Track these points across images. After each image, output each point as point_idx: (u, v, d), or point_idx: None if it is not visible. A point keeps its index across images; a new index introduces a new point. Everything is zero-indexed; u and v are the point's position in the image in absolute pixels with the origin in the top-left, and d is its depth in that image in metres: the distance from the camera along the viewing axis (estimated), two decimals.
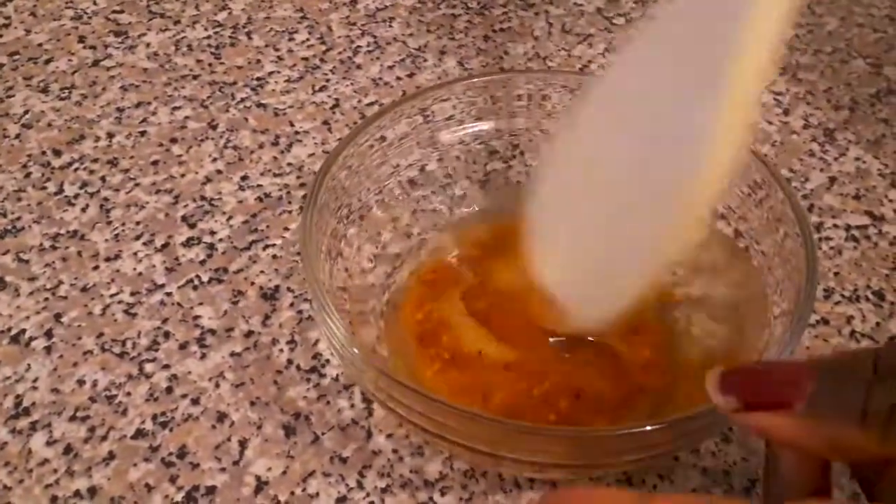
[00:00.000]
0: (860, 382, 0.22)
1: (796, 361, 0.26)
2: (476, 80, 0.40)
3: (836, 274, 0.40)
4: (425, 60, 0.51)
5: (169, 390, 0.36)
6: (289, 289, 0.39)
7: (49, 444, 0.34)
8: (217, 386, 0.36)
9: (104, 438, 0.35)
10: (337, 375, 0.36)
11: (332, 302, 0.31)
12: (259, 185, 0.44)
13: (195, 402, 0.36)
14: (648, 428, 0.28)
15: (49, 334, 0.38)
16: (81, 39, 0.52)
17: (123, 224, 0.42)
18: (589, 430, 0.31)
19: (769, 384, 0.23)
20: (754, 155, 0.35)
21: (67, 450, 0.34)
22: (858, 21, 0.55)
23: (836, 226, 0.43)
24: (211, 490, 0.33)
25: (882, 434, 0.21)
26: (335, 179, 0.36)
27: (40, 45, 0.52)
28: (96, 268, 0.40)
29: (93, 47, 0.52)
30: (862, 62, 0.52)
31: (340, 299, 0.34)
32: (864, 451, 0.22)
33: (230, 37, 0.52)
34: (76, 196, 0.43)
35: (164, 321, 0.38)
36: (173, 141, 0.46)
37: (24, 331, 0.38)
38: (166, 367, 0.37)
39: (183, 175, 0.44)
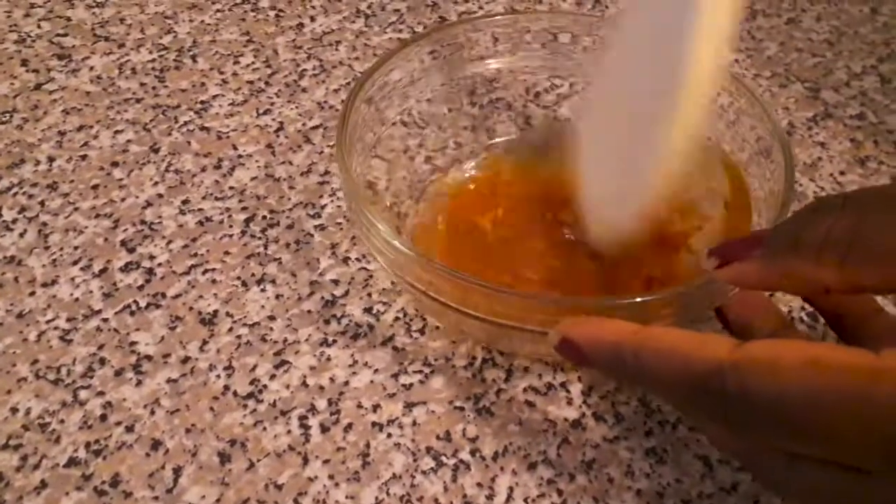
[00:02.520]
0: (818, 224, 0.26)
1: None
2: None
3: (770, 295, 0.41)
4: None
5: (103, 417, 0.36)
6: (227, 313, 0.39)
7: None
8: (152, 413, 0.36)
9: (36, 467, 0.34)
10: (274, 401, 0.36)
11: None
12: (200, 209, 0.44)
13: (129, 429, 0.35)
14: (648, 298, 0.31)
15: None
16: (24, 63, 0.52)
17: (61, 249, 0.42)
18: (603, 299, 0.34)
19: (736, 243, 0.29)
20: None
21: None
22: (798, 46, 0.56)
23: None
24: None
25: (839, 266, 0.25)
26: (369, 95, 0.40)
27: None
28: (32, 293, 0.40)
29: (35, 71, 0.51)
30: (800, 86, 0.53)
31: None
32: (823, 283, 0.26)
33: (175, 60, 0.52)
34: (14, 221, 0.43)
35: (100, 347, 0.38)
36: (114, 165, 0.46)
37: None
38: (101, 393, 0.36)
39: (123, 199, 0.44)
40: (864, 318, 0.33)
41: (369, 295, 0.40)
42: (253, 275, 0.41)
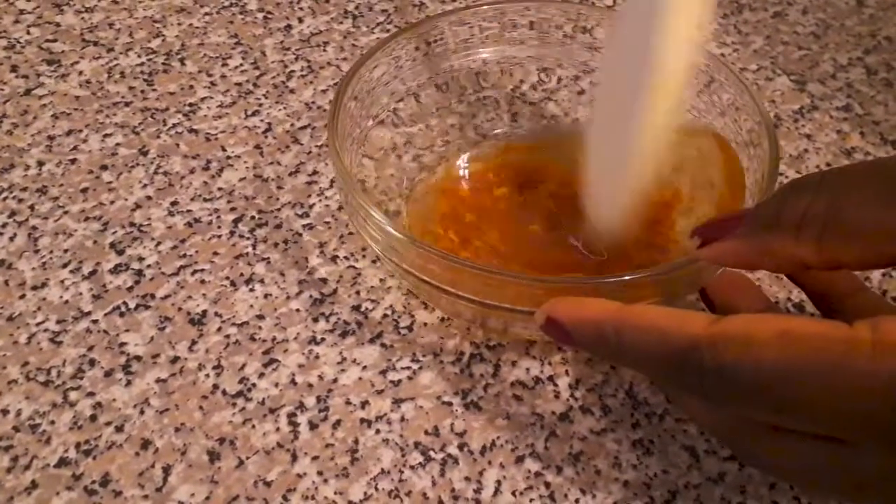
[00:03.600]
0: (797, 202, 0.26)
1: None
2: None
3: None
4: None
5: (93, 418, 0.36)
6: (216, 313, 0.39)
7: None
8: (142, 413, 0.36)
9: (27, 468, 0.34)
10: (263, 399, 0.36)
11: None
12: (189, 211, 0.44)
13: (119, 429, 0.35)
14: (633, 277, 0.32)
15: None
16: (14, 69, 0.52)
17: (51, 252, 0.42)
18: (589, 278, 0.34)
19: (718, 222, 0.29)
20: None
21: None
22: (784, 39, 0.56)
23: None
24: None
25: (817, 243, 0.26)
26: (360, 84, 0.40)
27: None
28: (23, 296, 0.40)
29: (25, 76, 0.51)
30: (786, 79, 0.53)
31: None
32: (803, 261, 0.26)
33: (163, 63, 0.52)
34: (4, 225, 0.43)
35: (90, 349, 0.38)
36: (103, 168, 0.46)
37: None
38: (91, 394, 0.37)
39: (112, 202, 0.44)
40: (847, 295, 0.33)
41: (357, 293, 0.41)
42: (241, 275, 0.41)
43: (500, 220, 0.42)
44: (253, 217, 0.44)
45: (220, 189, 0.45)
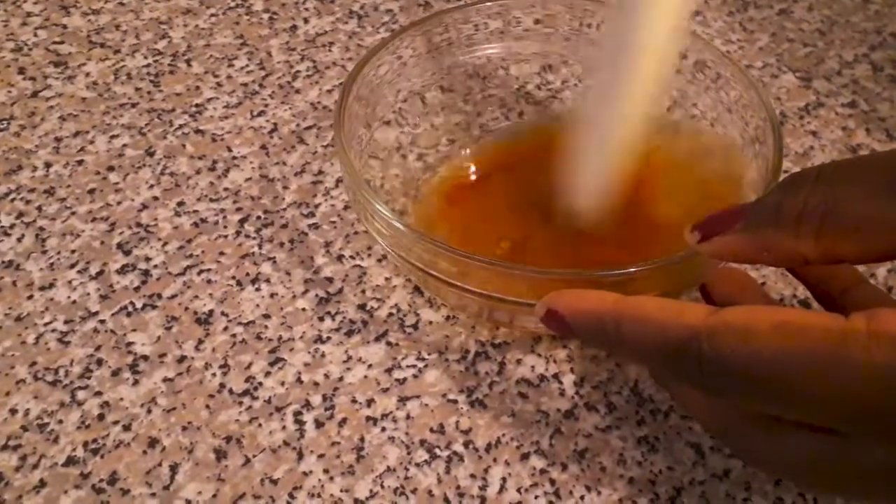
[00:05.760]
0: (795, 197, 0.26)
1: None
2: None
3: (762, 284, 0.41)
4: None
5: (101, 417, 0.36)
6: (223, 313, 0.40)
7: None
8: (149, 412, 0.36)
9: (35, 466, 0.35)
10: (269, 398, 0.37)
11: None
12: (195, 211, 0.44)
13: (126, 428, 0.36)
14: (635, 269, 0.32)
15: None
16: (21, 71, 0.52)
17: (59, 253, 0.42)
18: (591, 271, 0.33)
19: (717, 217, 0.29)
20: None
21: None
22: (789, 36, 0.56)
23: None
24: None
25: (815, 238, 0.25)
26: (365, 83, 0.41)
27: None
28: (30, 297, 0.40)
29: (32, 78, 0.52)
30: (792, 76, 0.53)
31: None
32: (802, 255, 0.26)
33: (169, 64, 0.53)
34: (12, 226, 0.43)
35: (97, 348, 0.38)
36: (110, 169, 0.46)
37: None
38: (98, 394, 0.37)
39: (119, 203, 0.44)
40: (847, 289, 0.33)
41: (363, 292, 0.41)
42: (248, 274, 0.41)
43: (504, 219, 0.42)
44: (259, 217, 0.44)
45: (226, 189, 0.45)
